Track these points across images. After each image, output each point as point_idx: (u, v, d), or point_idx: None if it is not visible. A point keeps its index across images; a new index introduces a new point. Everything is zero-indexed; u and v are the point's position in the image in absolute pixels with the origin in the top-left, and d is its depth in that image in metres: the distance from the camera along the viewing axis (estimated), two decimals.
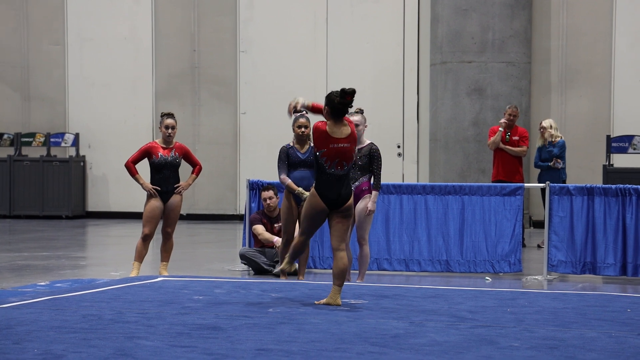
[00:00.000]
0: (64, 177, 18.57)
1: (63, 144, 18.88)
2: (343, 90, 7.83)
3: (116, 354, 5.95)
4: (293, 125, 10.13)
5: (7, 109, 19.14)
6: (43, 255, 12.74)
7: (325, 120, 7.97)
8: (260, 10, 18.26)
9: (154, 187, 10.28)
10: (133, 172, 10.27)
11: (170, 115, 10.45)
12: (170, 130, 10.32)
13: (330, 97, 7.90)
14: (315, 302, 8.00)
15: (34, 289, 9.35)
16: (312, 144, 10.10)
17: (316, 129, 7.92)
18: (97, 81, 18.89)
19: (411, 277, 10.93)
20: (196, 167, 10.48)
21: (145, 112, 18.75)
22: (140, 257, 10.26)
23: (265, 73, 18.17)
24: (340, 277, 7.89)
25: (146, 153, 10.30)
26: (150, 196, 10.27)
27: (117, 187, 18.89)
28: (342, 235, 7.95)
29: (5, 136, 19.14)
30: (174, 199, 10.32)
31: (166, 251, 10.42)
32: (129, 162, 10.30)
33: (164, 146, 10.33)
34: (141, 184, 10.29)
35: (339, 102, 7.83)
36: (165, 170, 10.30)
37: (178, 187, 10.34)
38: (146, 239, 10.23)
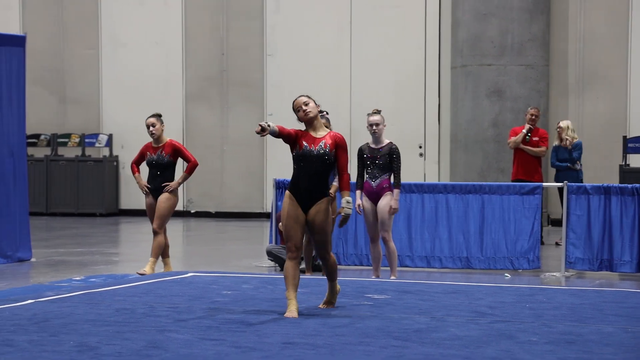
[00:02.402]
0: (98, 176, 18.70)
1: (97, 145, 19.03)
2: None
3: (148, 346, 6.05)
4: None
5: (44, 111, 19.28)
6: (78, 252, 12.87)
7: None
8: (286, 16, 18.35)
9: (146, 185, 10.36)
10: (133, 172, 10.47)
11: (152, 115, 10.44)
12: (151, 129, 10.30)
13: None
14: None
15: (70, 283, 9.49)
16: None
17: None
18: (129, 84, 19.01)
19: (432, 274, 10.98)
20: (188, 165, 10.36)
21: (176, 114, 18.87)
22: (153, 252, 10.32)
23: (291, 76, 18.23)
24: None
25: (142, 152, 10.43)
26: (145, 194, 10.42)
27: None
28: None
29: (42, 137, 19.33)
30: (161, 196, 10.26)
31: (153, 247, 10.34)
32: (132, 163, 10.53)
33: (154, 145, 10.35)
34: (137, 182, 10.46)
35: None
36: (152, 169, 10.33)
37: (166, 185, 10.29)
38: (154, 234, 10.36)
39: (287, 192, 7.48)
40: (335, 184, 10.18)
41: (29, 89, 12.25)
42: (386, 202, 9.79)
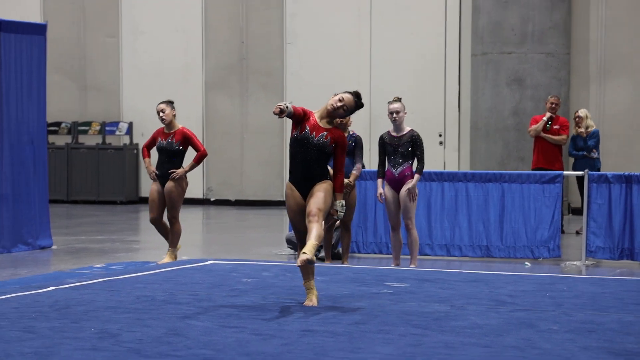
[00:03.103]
0: (119, 164, 18.78)
1: (117, 133, 19.13)
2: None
3: (169, 333, 6.09)
4: None
5: (65, 99, 19.38)
6: (99, 239, 12.94)
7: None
8: (306, 3, 18.33)
9: (154, 171, 10.25)
10: (143, 155, 10.39)
11: (163, 101, 10.30)
12: (161, 114, 10.17)
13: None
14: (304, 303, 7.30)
15: (91, 270, 9.53)
16: (351, 132, 10.38)
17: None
18: (149, 72, 19.09)
19: (452, 262, 11.00)
20: (197, 154, 10.22)
21: (196, 102, 18.98)
22: (173, 243, 10.20)
23: (310, 64, 18.27)
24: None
25: (154, 137, 10.32)
26: (152, 180, 10.30)
27: None
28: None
29: (63, 125, 19.45)
30: (168, 184, 10.12)
31: (171, 238, 10.23)
32: (143, 146, 10.43)
33: (166, 131, 10.24)
34: (146, 167, 10.36)
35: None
36: (161, 155, 10.21)
37: (172, 172, 10.15)
38: (152, 222, 10.25)
39: (287, 183, 7.38)
40: (355, 172, 10.20)
41: (50, 78, 12.33)
42: (407, 189, 9.80)
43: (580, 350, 5.83)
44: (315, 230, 6.98)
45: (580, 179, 12.94)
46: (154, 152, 10.34)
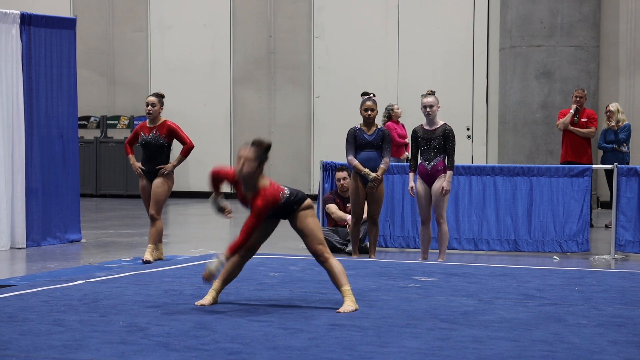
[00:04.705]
0: None
1: None
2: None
3: (196, 327, 6.13)
4: (360, 108, 10.37)
5: (94, 94, 19.47)
6: (127, 233, 12.98)
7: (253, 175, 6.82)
8: None
9: (141, 167, 9.87)
10: (126, 152, 10.01)
11: (154, 94, 9.98)
12: (149, 107, 9.83)
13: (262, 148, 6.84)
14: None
15: (119, 264, 9.57)
16: (379, 127, 10.39)
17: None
18: (177, 66, 19.16)
19: (480, 256, 10.97)
20: (184, 147, 9.85)
21: (223, 96, 19.04)
22: (151, 239, 9.85)
23: (338, 58, 18.28)
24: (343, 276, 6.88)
25: (136, 132, 9.95)
26: (139, 176, 9.95)
27: (196, 167, 19.25)
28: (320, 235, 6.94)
29: (92, 119, 19.56)
30: (156, 180, 9.80)
31: (151, 234, 9.85)
32: (125, 142, 10.06)
33: (149, 125, 9.87)
34: (131, 164, 9.97)
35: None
36: (146, 151, 9.83)
37: (161, 168, 9.82)
38: (151, 218, 9.89)
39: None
40: (382, 166, 10.20)
41: (79, 72, 12.39)
42: (440, 184, 9.83)
43: (609, 344, 5.82)
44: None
45: (609, 173, 12.87)
46: (138, 149, 9.97)
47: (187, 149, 9.86)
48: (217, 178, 7.02)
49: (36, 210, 11.49)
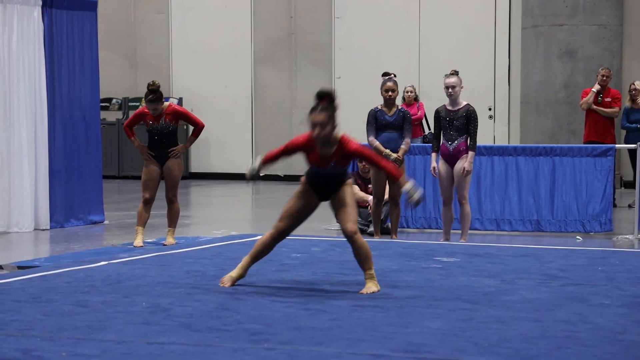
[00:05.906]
0: None
1: None
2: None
3: (219, 308, 6.13)
4: (381, 88, 10.35)
5: (116, 76, 19.53)
6: (150, 214, 13.15)
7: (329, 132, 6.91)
8: None
9: (149, 152, 9.68)
10: (128, 135, 9.86)
11: (150, 92, 9.60)
12: (152, 110, 9.57)
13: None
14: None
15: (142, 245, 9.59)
16: (399, 107, 10.38)
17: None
18: (199, 48, 19.21)
19: (502, 237, 10.95)
20: (195, 128, 9.82)
21: (245, 77, 19.08)
22: (141, 221, 9.73)
23: (359, 38, 18.25)
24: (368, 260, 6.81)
25: (140, 117, 9.69)
26: (147, 160, 9.74)
27: (218, 149, 19.32)
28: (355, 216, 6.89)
29: (114, 101, 19.67)
30: (170, 162, 9.69)
31: (171, 217, 9.87)
32: (125, 126, 9.85)
33: (155, 114, 9.64)
34: (136, 147, 9.80)
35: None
36: (157, 137, 9.66)
37: (172, 150, 9.70)
38: (146, 203, 9.77)
39: None
40: (403, 146, 10.19)
41: (100, 54, 12.42)
42: (462, 164, 9.81)
43: (632, 324, 5.80)
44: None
45: (632, 152, 12.81)
46: (143, 133, 9.76)
47: (199, 129, 9.84)
48: (274, 158, 7.23)
49: (59, 192, 11.55)
